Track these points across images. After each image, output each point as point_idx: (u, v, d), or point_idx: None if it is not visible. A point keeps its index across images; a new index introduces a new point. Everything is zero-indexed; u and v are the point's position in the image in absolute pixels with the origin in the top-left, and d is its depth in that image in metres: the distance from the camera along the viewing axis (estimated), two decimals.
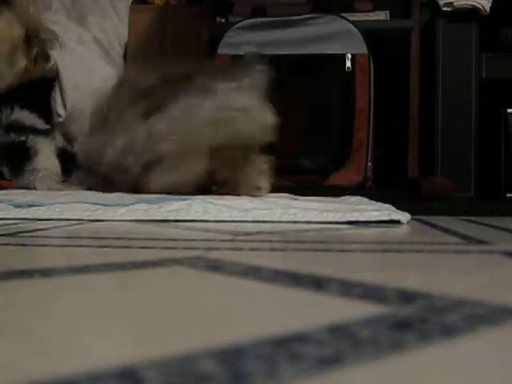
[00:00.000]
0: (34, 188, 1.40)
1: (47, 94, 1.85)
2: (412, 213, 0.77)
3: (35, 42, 1.16)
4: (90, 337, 0.22)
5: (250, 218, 0.76)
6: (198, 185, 1.08)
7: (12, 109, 1.49)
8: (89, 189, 1.24)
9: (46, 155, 1.42)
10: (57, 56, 1.83)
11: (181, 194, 0.98)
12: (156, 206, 0.82)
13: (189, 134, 1.03)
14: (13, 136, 1.42)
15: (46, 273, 0.36)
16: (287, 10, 1.84)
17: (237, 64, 1.20)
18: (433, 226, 0.74)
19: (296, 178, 1.58)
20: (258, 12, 1.90)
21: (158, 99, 1.06)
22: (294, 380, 0.17)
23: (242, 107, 1.03)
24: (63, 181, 1.44)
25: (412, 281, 0.35)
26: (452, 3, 1.77)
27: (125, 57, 2.18)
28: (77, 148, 1.42)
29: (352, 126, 1.74)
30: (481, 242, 0.57)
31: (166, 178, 1.05)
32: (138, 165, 1.06)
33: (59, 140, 1.47)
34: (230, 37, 1.79)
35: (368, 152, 1.75)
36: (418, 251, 0.50)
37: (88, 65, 1.90)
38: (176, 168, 1.05)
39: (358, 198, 1.09)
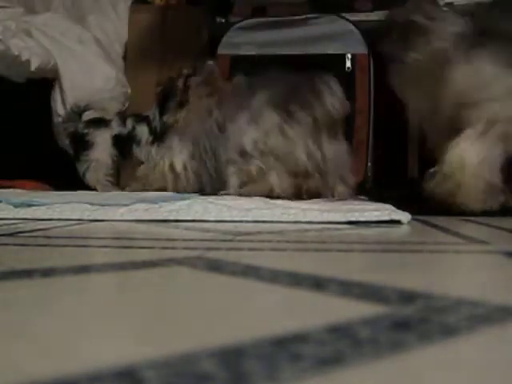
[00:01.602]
0: (85, 176, 1.56)
1: (47, 93, 1.85)
2: (412, 213, 0.77)
3: None
4: (90, 337, 0.22)
5: (250, 218, 0.76)
6: None
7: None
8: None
9: (101, 147, 1.57)
10: (57, 56, 1.83)
11: None
12: (156, 206, 0.82)
13: None
14: (80, 126, 1.58)
15: (46, 273, 0.36)
16: (287, 10, 1.84)
17: None
18: (433, 225, 0.74)
19: None
20: (257, 12, 1.89)
21: None
22: (294, 380, 0.17)
23: None
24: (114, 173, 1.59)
25: (412, 281, 0.35)
26: (452, 3, 1.77)
27: (125, 57, 2.18)
28: None
29: (352, 126, 1.74)
30: (481, 241, 0.57)
31: None
32: None
33: (115, 126, 1.58)
34: (230, 37, 1.79)
35: (368, 152, 1.75)
36: (418, 251, 0.50)
37: (88, 65, 1.90)
38: None
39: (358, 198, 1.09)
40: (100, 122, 1.61)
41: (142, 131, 1.57)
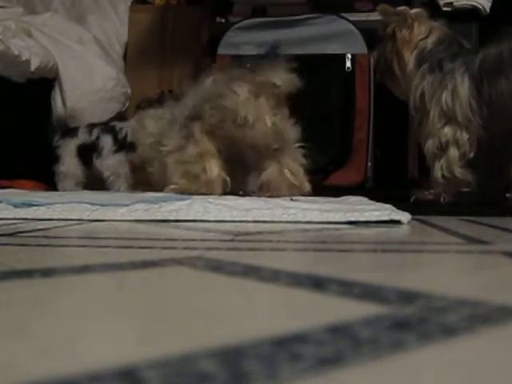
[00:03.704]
0: (57, 189, 1.58)
1: (47, 93, 1.85)
2: (412, 213, 0.77)
3: None
4: (89, 337, 0.22)
5: (250, 218, 0.76)
6: None
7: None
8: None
9: (66, 158, 1.60)
10: (57, 56, 1.83)
11: None
12: (156, 206, 0.82)
13: None
14: (55, 140, 1.62)
15: (46, 273, 0.36)
16: (287, 10, 1.84)
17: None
18: (433, 225, 0.74)
19: None
20: (257, 12, 1.89)
21: None
22: (294, 380, 0.17)
23: None
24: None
25: (412, 281, 0.35)
26: (452, 3, 1.77)
27: (125, 57, 2.18)
28: None
29: (352, 126, 1.74)
30: (481, 241, 0.57)
31: None
32: None
33: (81, 135, 1.57)
34: (230, 37, 1.79)
35: (368, 152, 1.75)
36: (417, 251, 0.50)
37: (88, 65, 1.90)
38: None
39: (358, 198, 1.09)
40: (69, 132, 1.62)
41: (106, 141, 1.56)
